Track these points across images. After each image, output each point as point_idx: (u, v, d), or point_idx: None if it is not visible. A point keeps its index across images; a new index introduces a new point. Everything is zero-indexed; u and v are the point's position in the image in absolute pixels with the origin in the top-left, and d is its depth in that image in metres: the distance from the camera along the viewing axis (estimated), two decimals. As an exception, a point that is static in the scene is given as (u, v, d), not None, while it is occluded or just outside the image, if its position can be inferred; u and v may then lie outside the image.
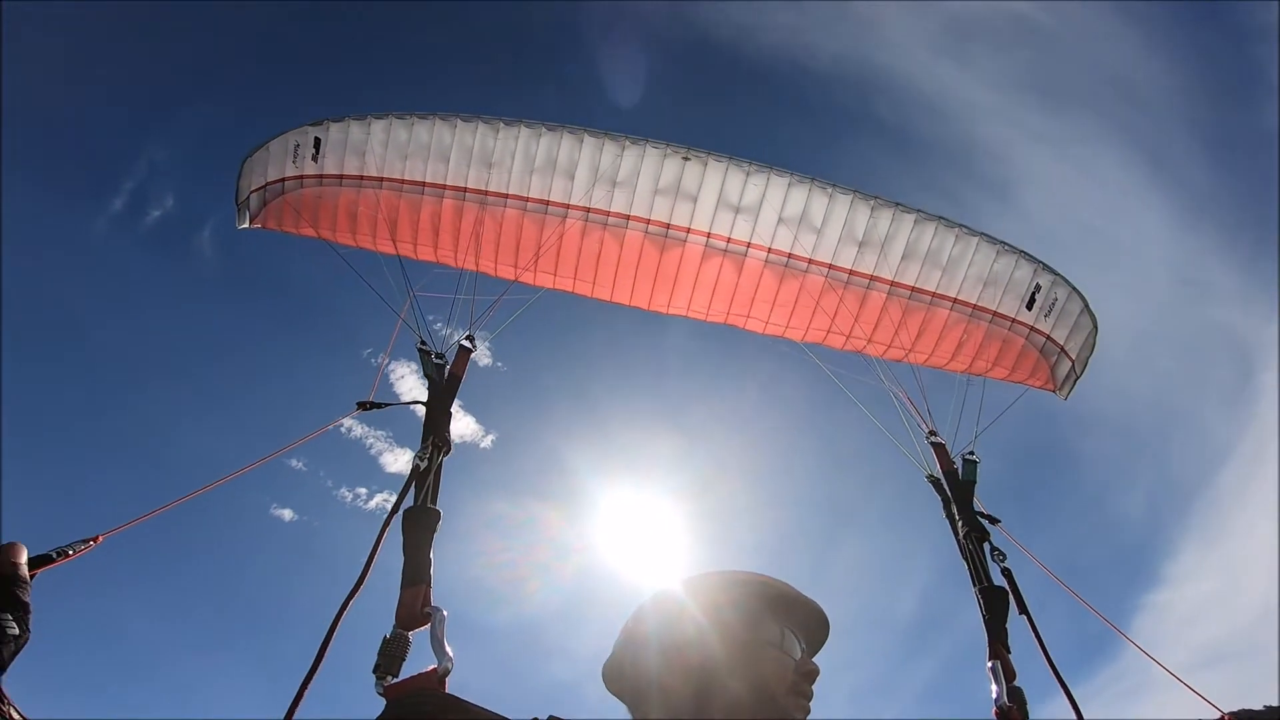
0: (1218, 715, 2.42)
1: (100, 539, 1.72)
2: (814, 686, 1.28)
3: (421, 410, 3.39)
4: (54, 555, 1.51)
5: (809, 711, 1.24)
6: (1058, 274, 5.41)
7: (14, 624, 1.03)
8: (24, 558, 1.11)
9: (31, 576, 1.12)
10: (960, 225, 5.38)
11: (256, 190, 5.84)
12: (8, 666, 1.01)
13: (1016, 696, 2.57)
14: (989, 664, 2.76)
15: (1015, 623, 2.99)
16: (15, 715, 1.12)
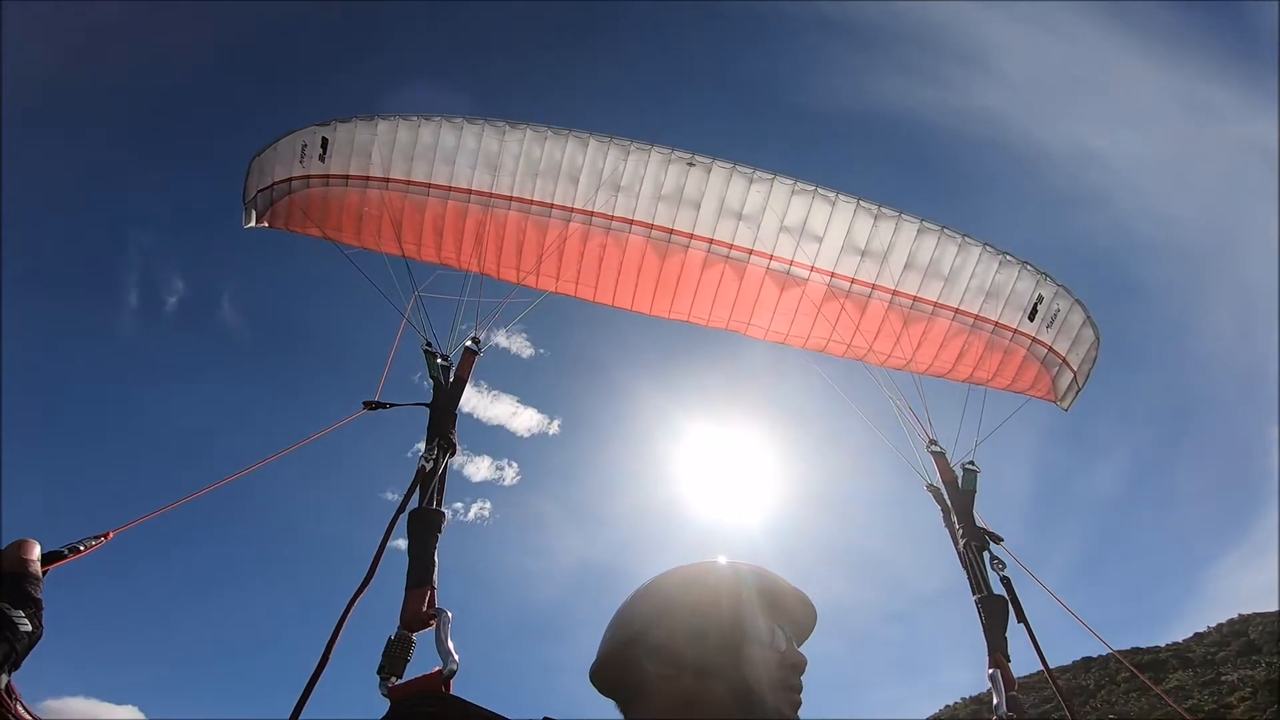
0: None
1: (111, 535, 1.74)
2: (803, 678, 1.28)
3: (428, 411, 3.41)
4: (65, 551, 1.52)
5: (799, 705, 1.23)
6: (1061, 285, 5.43)
7: (26, 620, 1.02)
8: (36, 554, 1.11)
9: (44, 573, 1.12)
10: (963, 235, 5.40)
11: (264, 190, 5.88)
12: (20, 663, 1.01)
13: (1016, 705, 2.59)
14: (989, 672, 2.78)
15: (1014, 631, 3.02)
16: (24, 714, 1.13)
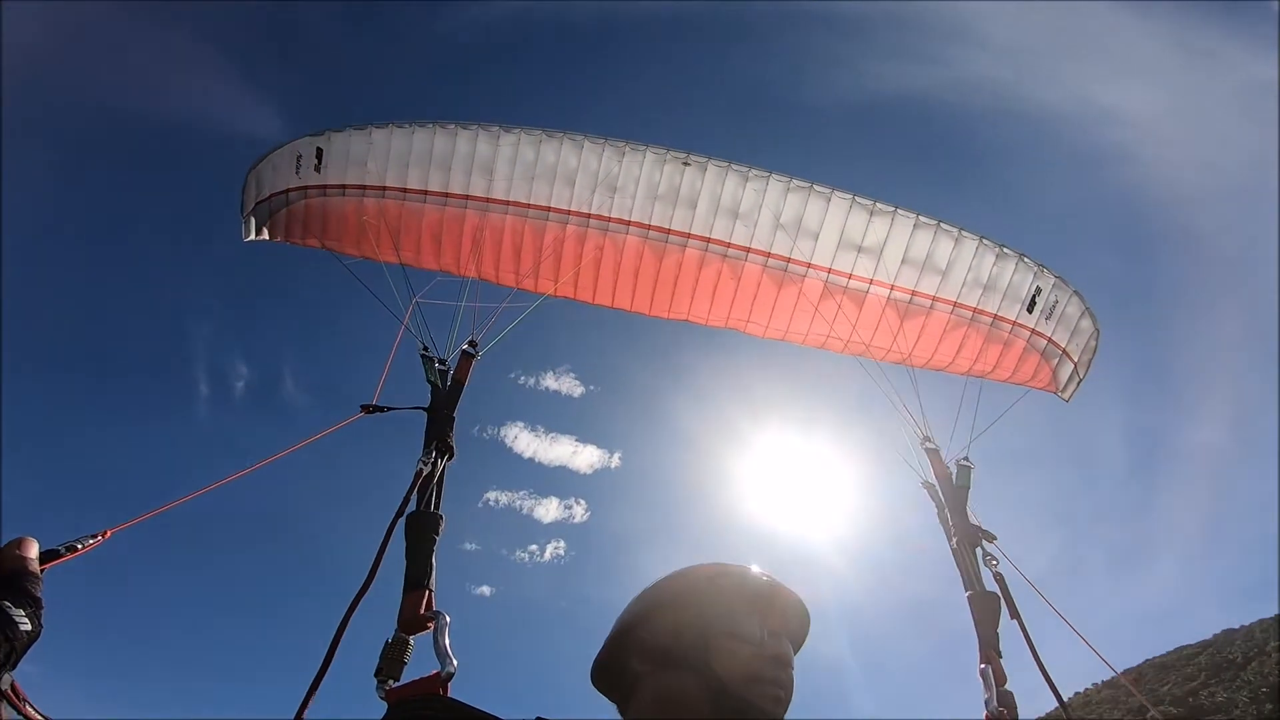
0: None
1: (108, 534, 1.75)
2: (789, 670, 1.25)
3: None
4: (63, 550, 1.52)
5: (781, 698, 1.20)
6: (1058, 277, 5.42)
7: (26, 619, 1.02)
8: (34, 552, 1.10)
9: (41, 571, 1.12)
10: (960, 228, 5.40)
11: (261, 202, 5.92)
12: (19, 662, 1.01)
13: (1007, 700, 2.60)
14: (980, 667, 2.79)
15: (1006, 627, 3.04)
16: (35, 714, 1.13)
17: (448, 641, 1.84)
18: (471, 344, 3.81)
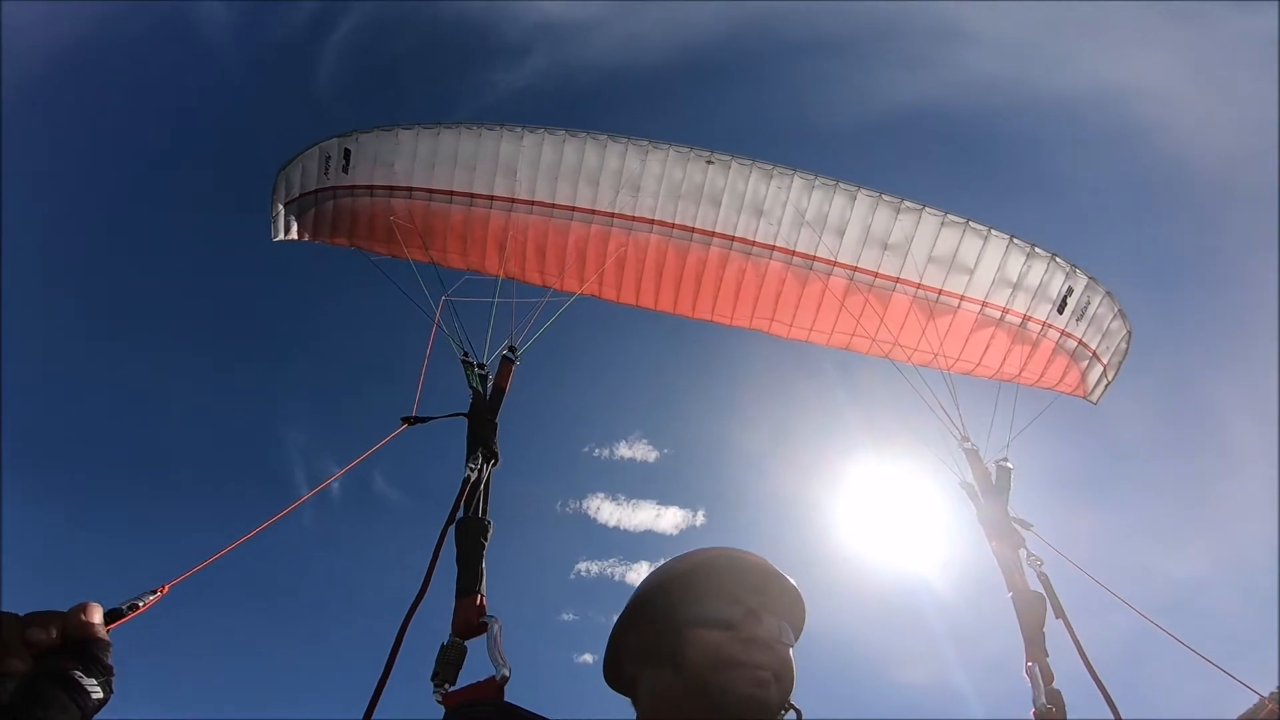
0: (1258, 699, 2.41)
1: (166, 589, 1.73)
2: (774, 649, 1.20)
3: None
4: (124, 609, 1.49)
5: (763, 679, 1.16)
6: (1091, 278, 5.32)
7: (99, 688, 0.99)
8: (99, 617, 1.06)
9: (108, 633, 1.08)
10: (989, 227, 5.31)
11: (290, 203, 6.02)
12: None
13: (1055, 698, 2.60)
14: (1028, 665, 2.79)
15: (1052, 626, 3.02)
16: None
17: (501, 646, 1.87)
18: (511, 349, 3.84)
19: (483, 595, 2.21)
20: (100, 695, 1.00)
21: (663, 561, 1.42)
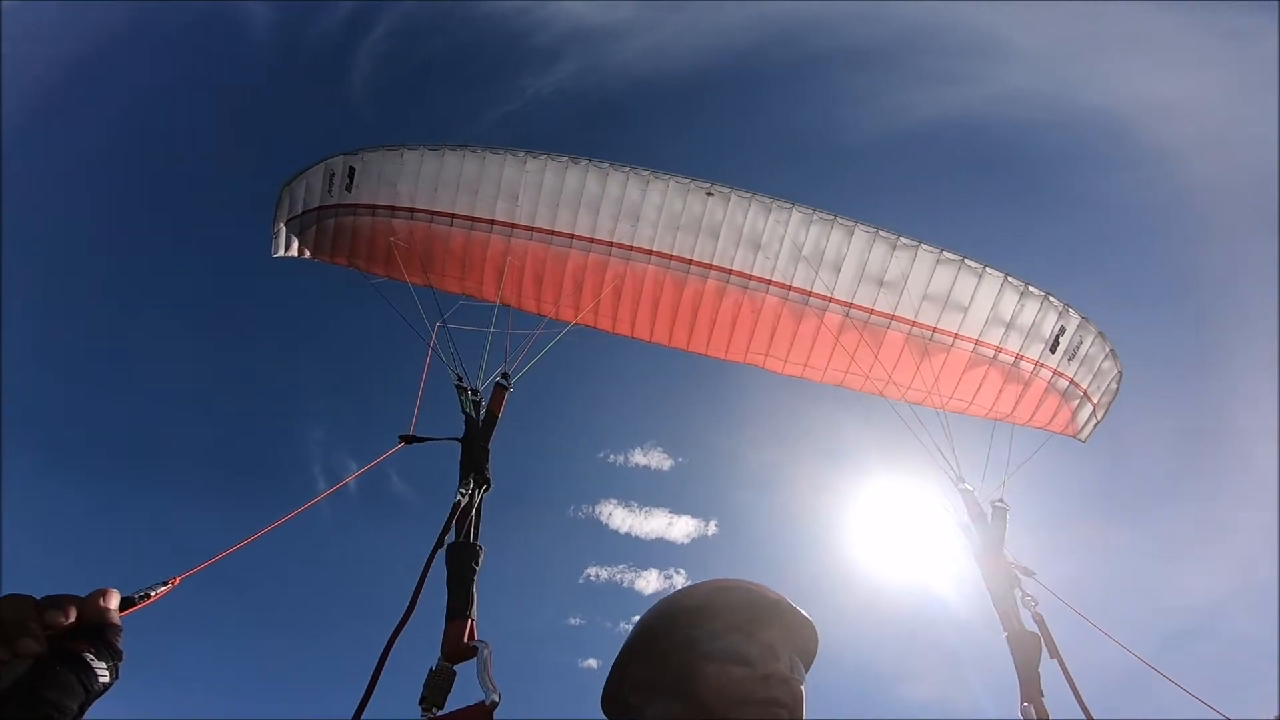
0: None
1: (178, 580, 1.76)
2: (790, 686, 1.18)
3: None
4: (137, 598, 1.52)
5: (782, 716, 1.14)
6: (1083, 317, 5.37)
7: (106, 671, 1.01)
8: (116, 603, 1.08)
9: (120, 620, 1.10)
10: (984, 265, 5.36)
11: (293, 219, 6.05)
12: (85, 711, 0.99)
13: None
14: (1022, 706, 2.82)
15: (1047, 666, 3.06)
16: None
17: (491, 671, 1.85)
18: (504, 376, 3.87)
19: (474, 620, 2.20)
20: (107, 679, 1.01)
21: (671, 590, 1.41)
